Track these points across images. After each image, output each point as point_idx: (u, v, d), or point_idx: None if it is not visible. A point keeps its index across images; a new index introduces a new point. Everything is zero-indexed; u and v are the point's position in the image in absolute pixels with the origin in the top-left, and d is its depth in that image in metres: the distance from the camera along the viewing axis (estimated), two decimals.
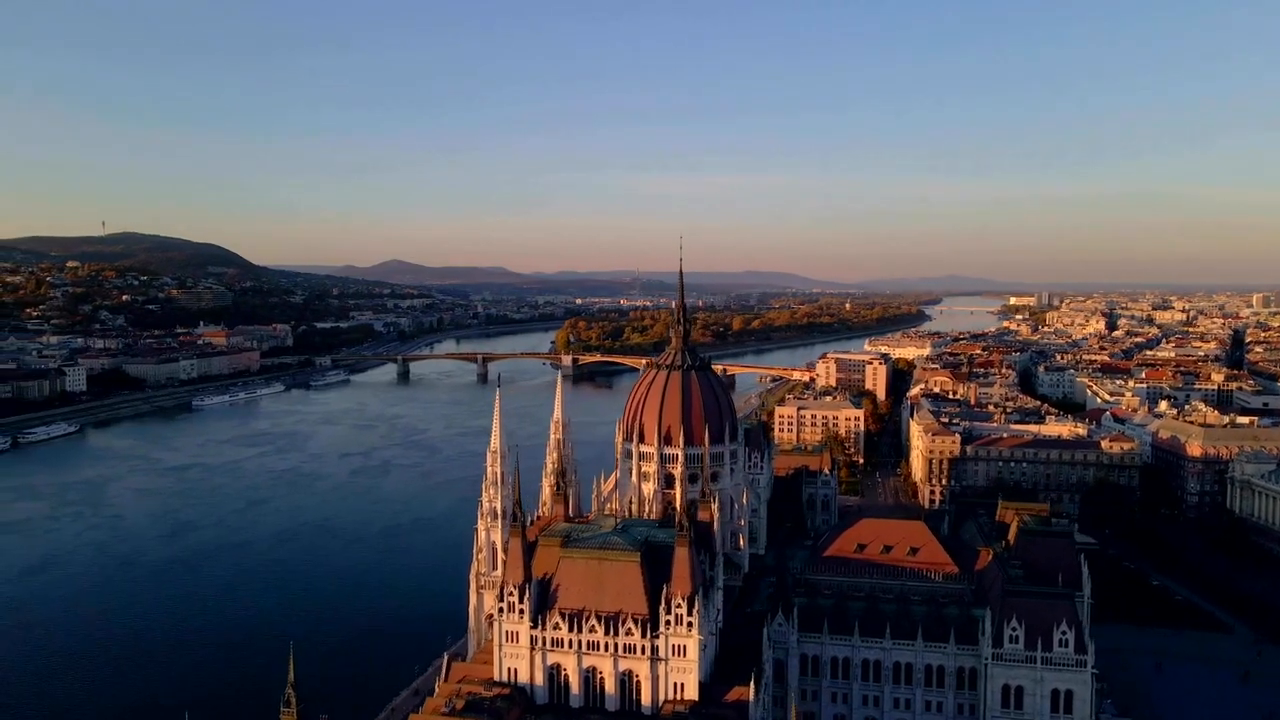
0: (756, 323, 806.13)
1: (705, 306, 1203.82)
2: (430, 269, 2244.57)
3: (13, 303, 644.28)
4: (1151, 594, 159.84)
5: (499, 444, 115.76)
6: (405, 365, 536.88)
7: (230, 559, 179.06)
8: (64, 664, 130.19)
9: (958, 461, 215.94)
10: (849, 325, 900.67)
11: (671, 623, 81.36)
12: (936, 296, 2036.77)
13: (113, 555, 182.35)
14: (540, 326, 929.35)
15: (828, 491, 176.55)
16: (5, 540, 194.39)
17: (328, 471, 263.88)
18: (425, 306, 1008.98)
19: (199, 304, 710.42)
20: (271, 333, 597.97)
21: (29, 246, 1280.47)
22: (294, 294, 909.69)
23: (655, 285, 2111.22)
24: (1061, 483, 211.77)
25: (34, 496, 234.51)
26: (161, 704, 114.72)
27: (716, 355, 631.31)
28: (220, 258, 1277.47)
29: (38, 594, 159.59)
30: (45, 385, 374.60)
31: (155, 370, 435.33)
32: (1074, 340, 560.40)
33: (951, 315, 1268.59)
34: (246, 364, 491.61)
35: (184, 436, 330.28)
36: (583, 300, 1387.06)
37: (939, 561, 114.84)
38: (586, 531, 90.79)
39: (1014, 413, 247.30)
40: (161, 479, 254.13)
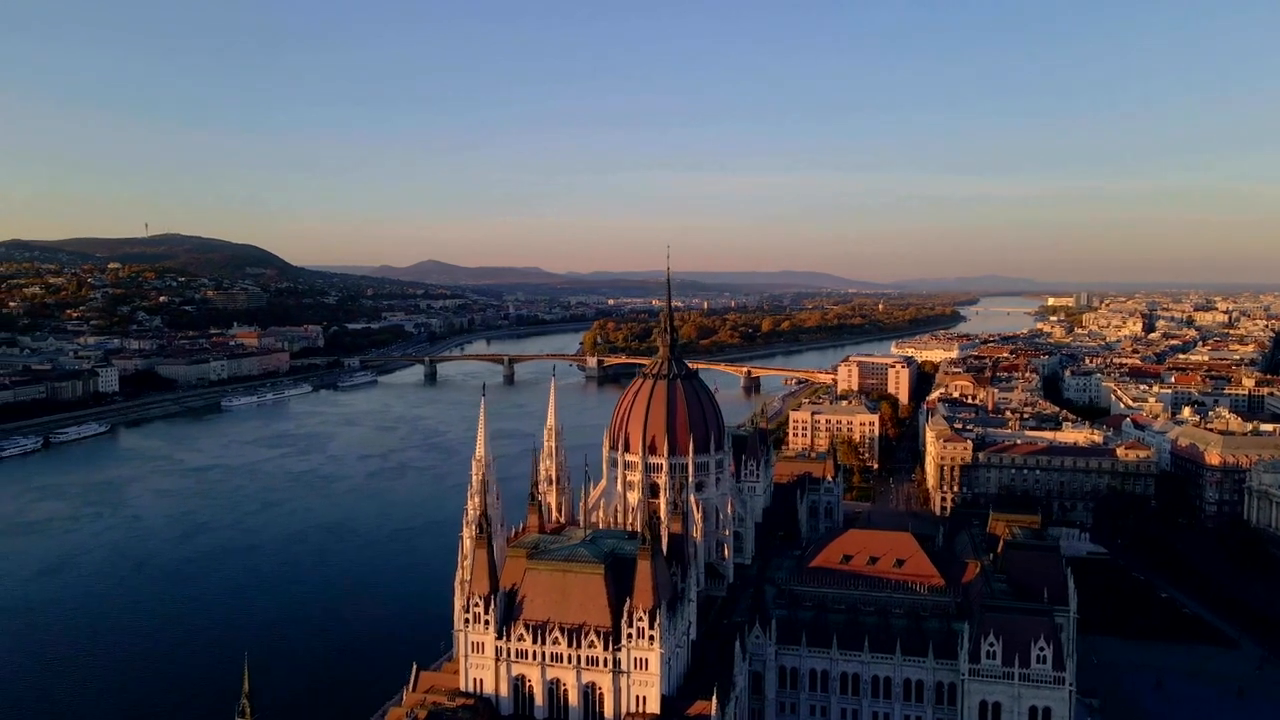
0: (786, 324, 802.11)
1: (737, 307, 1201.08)
2: (465, 269, 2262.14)
3: (55, 304, 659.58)
4: (1159, 607, 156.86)
5: (482, 452, 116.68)
6: (432, 366, 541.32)
7: (239, 562, 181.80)
8: (64, 667, 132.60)
9: (969, 468, 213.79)
10: (880, 327, 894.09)
11: (633, 636, 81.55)
12: (973, 297, 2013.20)
13: (127, 557, 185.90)
14: (571, 327, 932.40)
15: (830, 499, 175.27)
16: (26, 541, 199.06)
17: (345, 473, 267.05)
18: (458, 307, 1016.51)
19: (234, 305, 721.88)
20: (303, 334, 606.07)
21: (75, 248, 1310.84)
22: (328, 295, 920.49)
23: (689, 285, 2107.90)
24: (1075, 491, 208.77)
25: (58, 496, 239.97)
26: (151, 710, 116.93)
27: (744, 357, 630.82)
28: (258, 258, 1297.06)
29: (50, 595, 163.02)
30: (79, 386, 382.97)
31: (186, 371, 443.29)
32: (1107, 343, 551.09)
33: (987, 316, 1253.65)
34: (276, 365, 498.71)
35: (209, 437, 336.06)
36: (615, 301, 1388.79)
37: (925, 574, 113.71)
38: (555, 543, 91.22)
39: (1030, 419, 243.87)
40: (182, 480, 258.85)
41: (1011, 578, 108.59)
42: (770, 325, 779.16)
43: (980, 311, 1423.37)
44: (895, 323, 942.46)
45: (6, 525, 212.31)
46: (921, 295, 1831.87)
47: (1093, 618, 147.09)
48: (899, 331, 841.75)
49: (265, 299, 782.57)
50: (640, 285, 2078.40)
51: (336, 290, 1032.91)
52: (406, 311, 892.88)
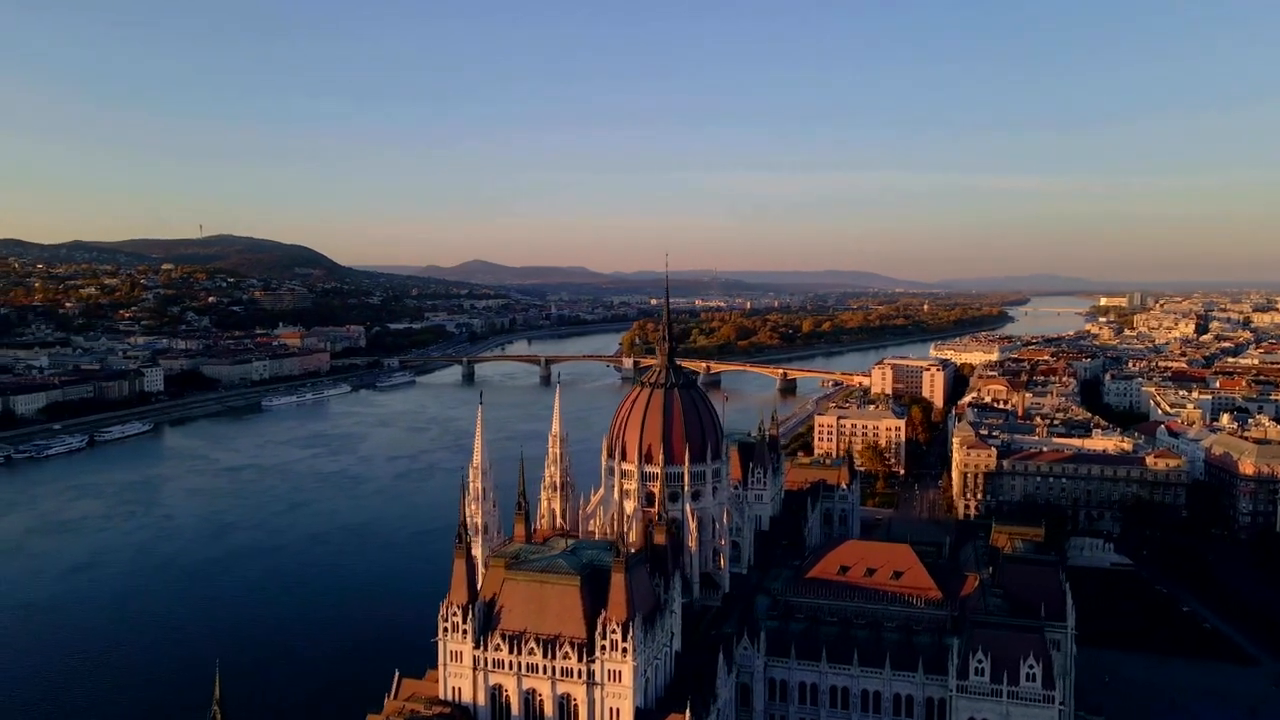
0: (827, 324, 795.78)
1: (780, 307, 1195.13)
2: (511, 269, 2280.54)
3: (109, 304, 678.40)
4: (1179, 621, 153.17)
5: (480, 459, 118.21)
6: (470, 367, 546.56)
7: (261, 562, 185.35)
8: (82, 665, 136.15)
9: (993, 476, 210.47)
10: (924, 328, 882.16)
11: (607, 648, 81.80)
12: (1023, 297, 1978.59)
13: (153, 556, 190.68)
14: (612, 327, 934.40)
15: (845, 506, 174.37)
16: (60, 539, 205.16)
17: (373, 474, 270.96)
18: (500, 307, 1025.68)
19: (280, 305, 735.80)
20: (345, 334, 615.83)
21: (133, 249, 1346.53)
22: (372, 295, 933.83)
23: (734, 284, 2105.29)
24: (1102, 500, 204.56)
25: (96, 495, 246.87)
26: (161, 712, 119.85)
27: (782, 358, 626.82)
28: (308, 259, 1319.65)
29: (77, 593, 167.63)
30: (125, 385, 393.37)
31: (229, 371, 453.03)
32: (1156, 345, 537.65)
33: (1037, 317, 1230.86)
34: (317, 365, 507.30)
35: (246, 437, 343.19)
36: (657, 300, 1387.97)
37: (922, 586, 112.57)
38: (536, 553, 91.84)
39: (1060, 425, 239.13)
40: (215, 479, 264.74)
41: (1008, 592, 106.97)
42: (811, 326, 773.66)
43: (1029, 312, 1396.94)
44: (939, 324, 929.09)
45: (45, 523, 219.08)
46: (970, 295, 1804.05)
47: (1110, 631, 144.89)
48: (943, 332, 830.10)
49: (311, 299, 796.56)
50: (685, 285, 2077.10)
51: (382, 290, 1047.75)
52: (449, 311, 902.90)
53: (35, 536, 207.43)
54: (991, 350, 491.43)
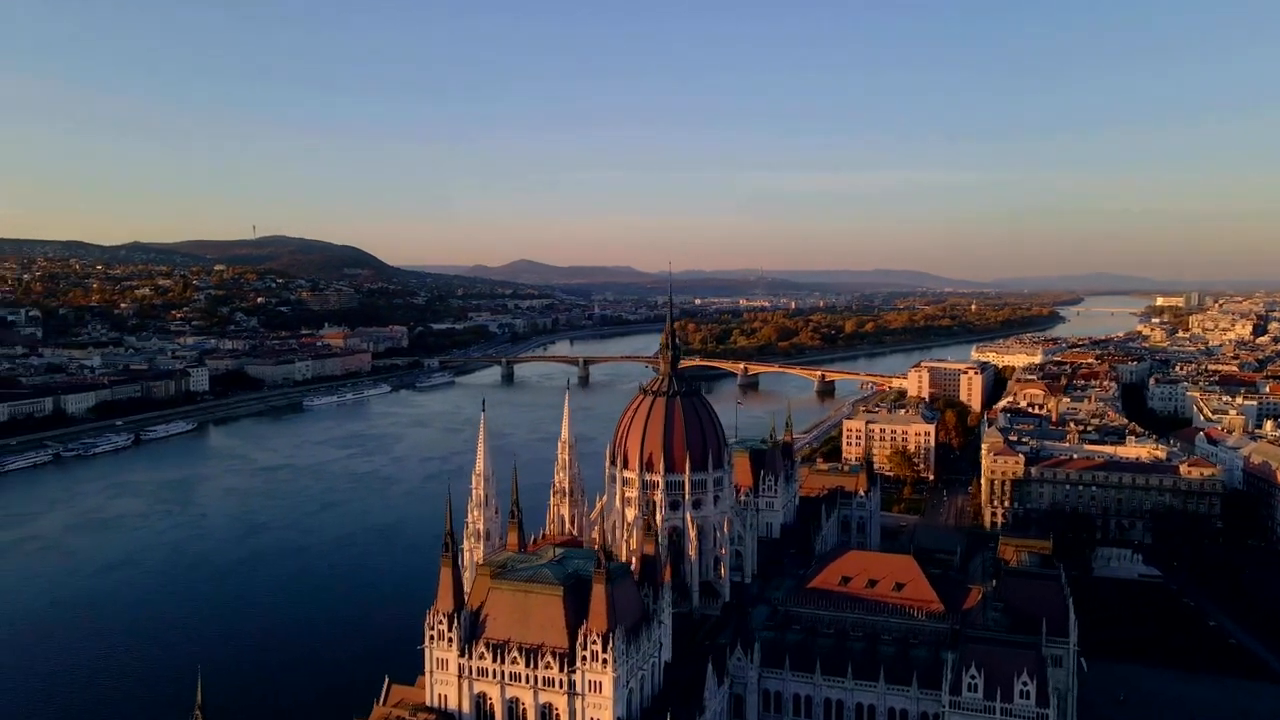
0: (870, 325, 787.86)
1: (825, 307, 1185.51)
2: (557, 268, 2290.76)
3: (162, 305, 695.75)
4: (1205, 635, 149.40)
5: (483, 466, 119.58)
6: (509, 367, 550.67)
7: (288, 564, 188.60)
8: (104, 662, 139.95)
9: (1021, 483, 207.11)
10: (970, 328, 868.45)
11: (587, 659, 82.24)
12: (1077, 296, 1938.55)
13: (185, 555, 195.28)
14: (654, 327, 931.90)
15: (863, 514, 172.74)
16: (98, 536, 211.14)
17: (405, 475, 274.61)
18: (544, 307, 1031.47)
19: (326, 305, 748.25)
20: (388, 334, 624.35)
21: (188, 250, 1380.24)
22: (417, 295, 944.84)
23: (780, 284, 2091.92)
24: (1134, 509, 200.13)
25: (135, 493, 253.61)
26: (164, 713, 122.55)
27: (822, 359, 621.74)
28: (357, 259, 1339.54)
29: (108, 591, 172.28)
30: (171, 385, 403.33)
31: (273, 371, 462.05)
32: (1208, 347, 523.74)
33: (1090, 318, 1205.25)
34: (358, 365, 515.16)
35: (284, 436, 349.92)
36: (701, 300, 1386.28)
37: (924, 599, 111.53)
38: (523, 562, 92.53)
39: (1093, 431, 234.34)
40: (251, 479, 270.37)
41: (1009, 606, 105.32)
42: (853, 327, 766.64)
43: (1082, 312, 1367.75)
44: (987, 324, 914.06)
45: (85, 520, 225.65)
46: (1021, 295, 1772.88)
47: (1132, 645, 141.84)
48: (990, 333, 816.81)
49: (357, 300, 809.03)
50: (730, 284, 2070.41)
51: (427, 290, 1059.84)
52: (492, 311, 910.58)
53: (74, 533, 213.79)
54: (1035, 352, 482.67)
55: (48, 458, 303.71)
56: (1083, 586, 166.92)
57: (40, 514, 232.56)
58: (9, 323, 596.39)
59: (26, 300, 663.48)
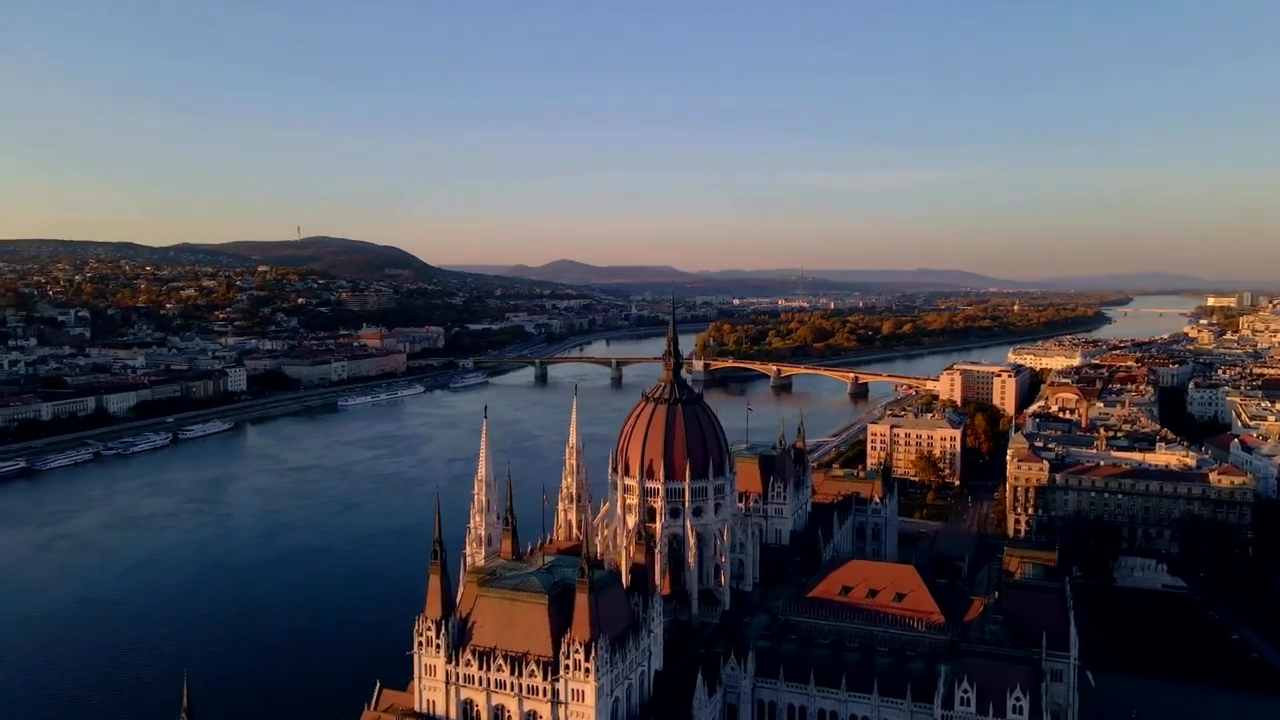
0: (908, 326, 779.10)
1: (865, 308, 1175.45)
2: (597, 268, 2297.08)
3: (205, 305, 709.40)
4: (1227, 649, 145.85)
5: (485, 471, 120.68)
6: (543, 368, 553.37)
7: (307, 564, 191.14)
8: (127, 659, 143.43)
9: (1045, 490, 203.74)
10: (1011, 329, 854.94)
11: (570, 667, 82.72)
12: (1126, 296, 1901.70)
13: (209, 554, 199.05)
14: (692, 328, 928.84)
15: (879, 520, 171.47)
16: (129, 534, 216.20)
17: (430, 477, 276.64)
18: (581, 307, 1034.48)
19: (365, 306, 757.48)
20: (424, 334, 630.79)
21: (234, 251, 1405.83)
22: (456, 295, 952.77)
23: (821, 284, 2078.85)
24: (1161, 518, 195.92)
25: (169, 492, 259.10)
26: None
27: (858, 361, 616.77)
28: (398, 260, 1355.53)
29: (131, 590, 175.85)
30: (209, 385, 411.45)
31: (309, 371, 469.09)
32: (1256, 350, 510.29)
33: (1137, 318, 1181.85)
34: (393, 366, 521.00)
35: (316, 436, 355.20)
36: (740, 300, 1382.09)
37: (925, 610, 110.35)
38: (512, 570, 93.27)
39: (1123, 437, 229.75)
40: (280, 479, 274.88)
41: (1010, 619, 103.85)
42: (891, 328, 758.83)
43: (1130, 313, 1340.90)
44: (1029, 325, 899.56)
45: (118, 519, 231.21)
46: (1068, 295, 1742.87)
47: (1149, 658, 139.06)
48: (1032, 334, 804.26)
49: (396, 300, 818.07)
50: (771, 284, 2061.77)
51: (466, 291, 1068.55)
52: (530, 312, 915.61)
53: (107, 531, 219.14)
54: (1074, 354, 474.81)
55: (88, 456, 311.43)
56: (1103, 597, 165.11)
57: (76, 512, 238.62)
58: (59, 323, 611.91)
59: (77, 301, 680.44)
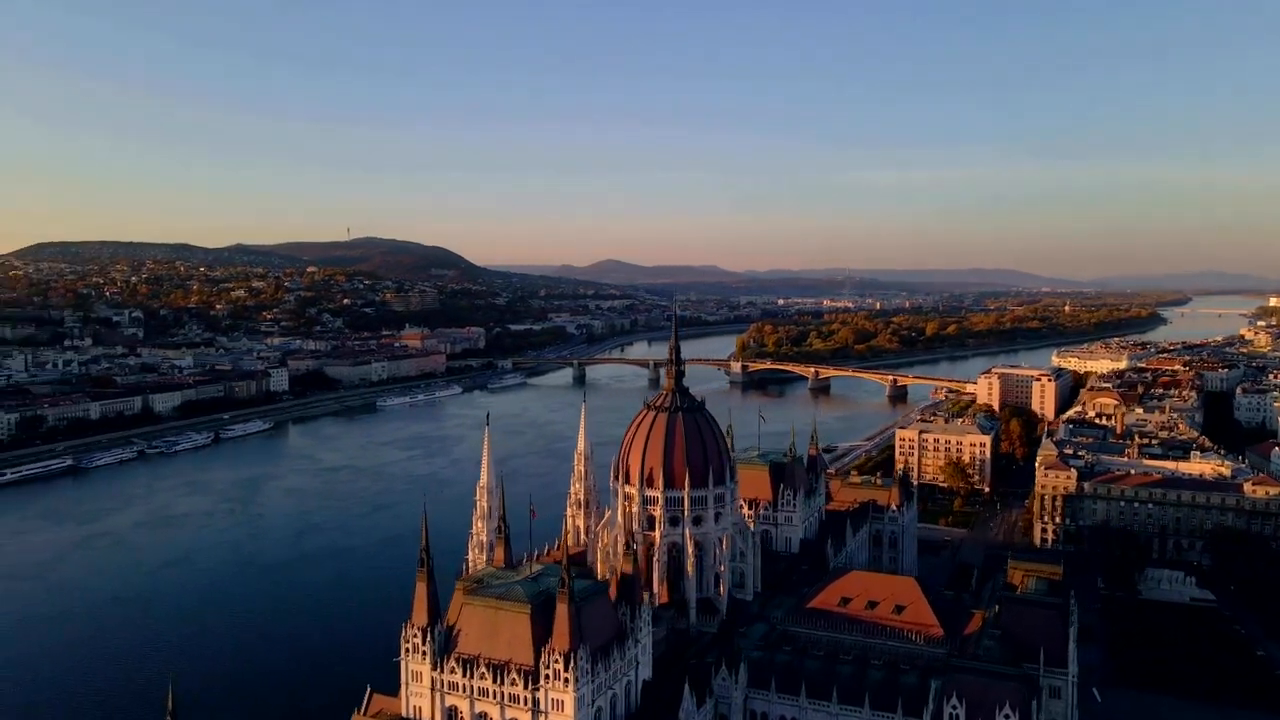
0: (953, 328, 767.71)
1: (911, 308, 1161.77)
2: (643, 268, 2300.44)
3: (254, 306, 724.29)
4: (1250, 666, 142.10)
5: (486, 478, 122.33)
6: (581, 369, 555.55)
7: (332, 565, 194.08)
8: (152, 656, 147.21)
9: (1073, 499, 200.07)
10: (1060, 331, 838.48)
11: (550, 677, 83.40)
12: (1184, 296, 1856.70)
13: (240, 554, 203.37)
14: (733, 329, 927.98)
15: (895, 529, 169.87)
16: (163, 533, 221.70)
17: (460, 478, 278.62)
18: (624, 308, 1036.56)
19: (408, 306, 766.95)
20: (465, 335, 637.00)
21: (287, 251, 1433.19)
22: (499, 296, 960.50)
23: (869, 284, 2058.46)
24: (1192, 529, 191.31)
25: (205, 491, 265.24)
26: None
27: (900, 363, 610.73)
28: (444, 260, 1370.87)
29: (160, 589, 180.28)
30: (252, 385, 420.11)
31: (350, 372, 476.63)
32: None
33: (1194, 319, 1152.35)
34: (433, 366, 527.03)
35: (353, 436, 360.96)
36: (785, 301, 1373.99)
37: (924, 623, 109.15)
38: (499, 579, 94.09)
39: (1157, 445, 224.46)
40: (313, 479, 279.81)
41: (1007, 634, 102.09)
42: (935, 329, 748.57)
43: (1187, 314, 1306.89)
44: (1079, 326, 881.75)
45: (155, 517, 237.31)
46: (1123, 295, 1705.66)
47: (1166, 672, 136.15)
48: (1083, 336, 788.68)
49: (439, 300, 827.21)
50: (817, 284, 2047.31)
51: (511, 291, 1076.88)
52: (572, 312, 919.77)
53: (143, 530, 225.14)
54: (1120, 357, 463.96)
55: (133, 454, 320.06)
56: (1126, 609, 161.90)
57: (116, 510, 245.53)
58: (114, 323, 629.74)
59: (132, 302, 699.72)
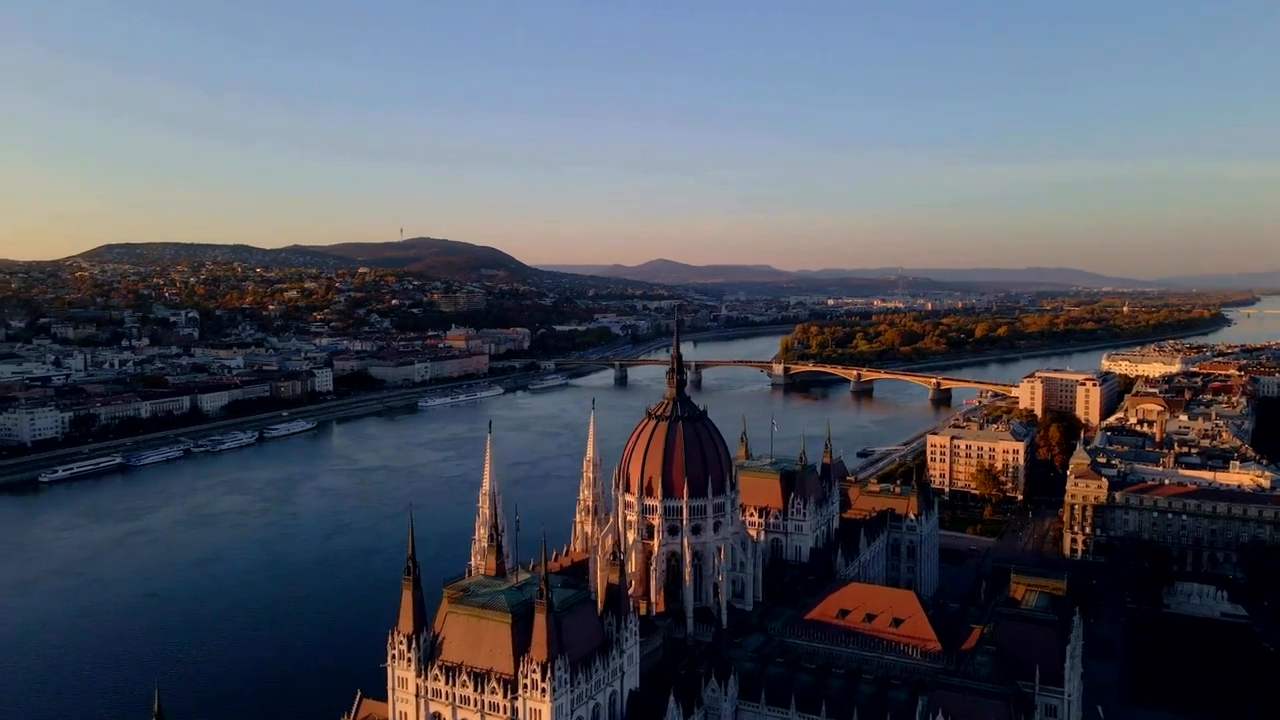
0: (1003, 329, 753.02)
1: (963, 309, 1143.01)
2: (694, 268, 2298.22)
3: (305, 307, 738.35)
4: (1278, 685, 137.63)
5: (488, 485, 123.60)
6: (622, 370, 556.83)
7: (357, 566, 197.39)
8: (178, 653, 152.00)
9: (1104, 509, 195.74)
10: (1116, 332, 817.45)
11: (528, 687, 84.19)
12: (1252, 296, 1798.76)
13: (270, 553, 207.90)
14: (781, 329, 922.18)
15: (914, 538, 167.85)
16: (199, 532, 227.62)
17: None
18: (672, 308, 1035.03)
19: (455, 307, 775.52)
20: (509, 335, 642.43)
21: (341, 252, 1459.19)
22: (546, 296, 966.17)
23: (923, 283, 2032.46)
24: (1228, 541, 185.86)
25: (244, 490, 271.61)
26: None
27: (947, 365, 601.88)
28: (495, 260, 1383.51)
29: (191, 586, 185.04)
30: (297, 386, 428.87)
31: (393, 372, 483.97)
32: None
33: (1261, 320, 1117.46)
34: (476, 367, 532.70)
35: (392, 437, 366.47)
36: (834, 301, 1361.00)
37: (921, 636, 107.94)
38: (485, 587, 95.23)
39: (1196, 454, 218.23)
40: (348, 479, 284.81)
41: (1002, 650, 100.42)
42: (984, 330, 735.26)
43: (1253, 315, 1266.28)
44: (1137, 328, 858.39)
45: (193, 516, 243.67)
46: (1187, 295, 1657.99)
47: (1186, 691, 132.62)
48: (1141, 338, 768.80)
49: (486, 301, 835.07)
50: (870, 284, 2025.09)
51: (559, 291, 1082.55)
52: (619, 313, 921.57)
53: (180, 528, 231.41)
54: (1173, 361, 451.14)
55: (179, 453, 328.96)
56: (1150, 624, 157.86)
57: (157, 508, 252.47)
58: (170, 324, 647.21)
59: (189, 302, 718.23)
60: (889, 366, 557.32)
